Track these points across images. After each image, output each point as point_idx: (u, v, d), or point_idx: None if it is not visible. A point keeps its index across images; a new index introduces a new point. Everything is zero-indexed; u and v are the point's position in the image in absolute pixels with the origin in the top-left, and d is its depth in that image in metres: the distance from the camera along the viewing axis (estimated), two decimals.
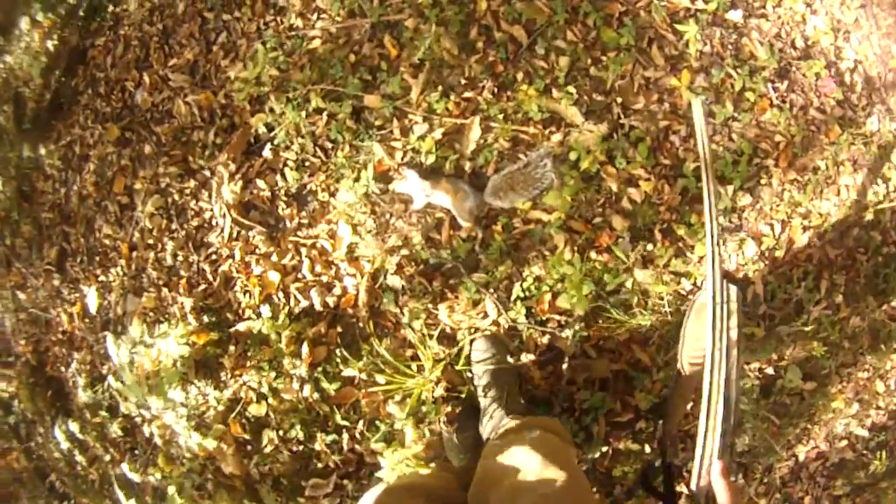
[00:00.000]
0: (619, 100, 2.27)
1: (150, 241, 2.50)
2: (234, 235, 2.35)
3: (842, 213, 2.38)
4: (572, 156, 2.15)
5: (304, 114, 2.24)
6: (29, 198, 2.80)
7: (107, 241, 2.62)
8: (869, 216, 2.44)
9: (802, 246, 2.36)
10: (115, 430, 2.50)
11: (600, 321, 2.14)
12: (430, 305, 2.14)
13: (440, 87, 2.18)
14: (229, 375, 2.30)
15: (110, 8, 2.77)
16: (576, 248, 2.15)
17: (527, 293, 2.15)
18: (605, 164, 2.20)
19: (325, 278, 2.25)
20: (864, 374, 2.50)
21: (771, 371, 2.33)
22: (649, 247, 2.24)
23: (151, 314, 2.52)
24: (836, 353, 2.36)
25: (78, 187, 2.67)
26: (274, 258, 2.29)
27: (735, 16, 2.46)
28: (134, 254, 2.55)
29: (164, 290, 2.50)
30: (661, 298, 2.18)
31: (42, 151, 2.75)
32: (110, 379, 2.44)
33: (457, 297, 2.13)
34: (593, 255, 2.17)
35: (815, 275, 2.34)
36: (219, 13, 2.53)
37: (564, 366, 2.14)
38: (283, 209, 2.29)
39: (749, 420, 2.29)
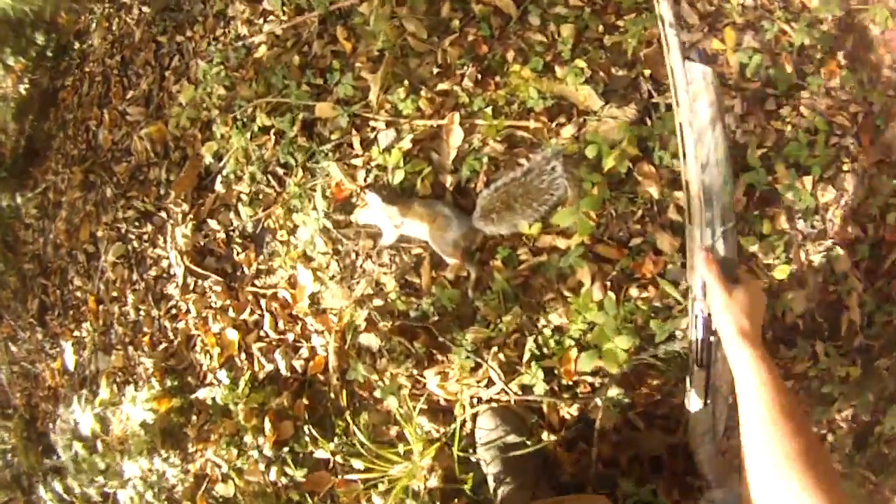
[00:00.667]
0: (648, 72, 1.49)
1: (115, 294, 1.98)
2: (191, 286, 1.74)
3: None
4: (591, 152, 1.39)
5: (249, 135, 1.58)
6: (13, 248, 2.34)
7: (78, 294, 2.12)
8: None
9: None
10: (94, 495, 1.96)
11: (648, 380, 1.35)
12: (414, 371, 1.42)
13: (406, 82, 1.46)
14: (194, 448, 1.68)
15: (77, 45, 2.26)
16: (608, 284, 1.37)
17: (544, 350, 1.40)
18: (638, 160, 1.43)
19: (290, 336, 1.59)
20: None
21: (866, 417, 1.48)
22: None
23: (120, 374, 1.98)
24: None
25: (53, 236, 2.19)
26: (231, 313, 1.65)
27: None
28: (101, 307, 2.03)
29: (130, 348, 1.93)
30: None
31: (19, 200, 2.26)
32: (76, 446, 1.90)
33: (449, 360, 1.39)
34: (633, 291, 1.39)
35: None
36: (172, 35, 1.98)
37: (601, 443, 1.35)
38: (239, 253, 1.67)
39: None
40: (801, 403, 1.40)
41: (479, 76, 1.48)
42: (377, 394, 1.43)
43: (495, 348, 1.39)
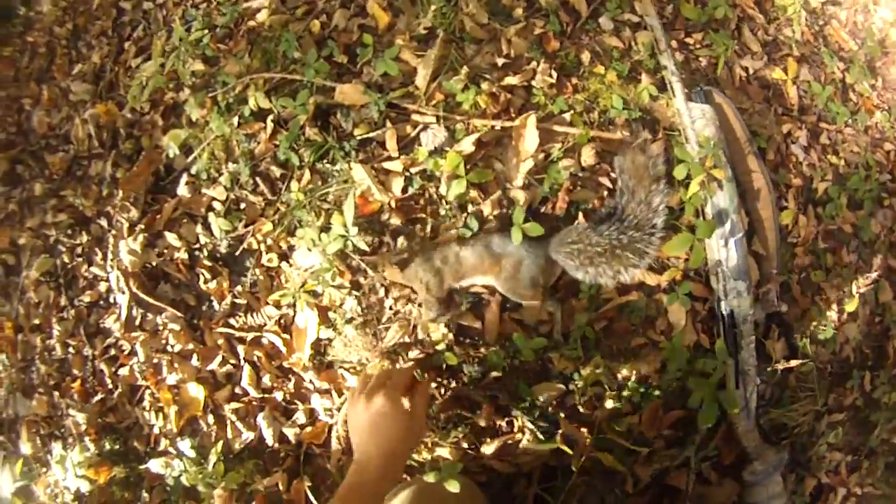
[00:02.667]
0: (726, 92, 0.85)
1: (37, 321, 1.02)
2: (137, 321, 0.84)
3: None
4: (679, 173, 0.75)
5: (237, 120, 0.74)
6: None
7: None
8: None
9: None
10: None
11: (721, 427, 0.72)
12: (464, 441, 0.64)
13: (464, 70, 0.71)
14: None
15: (22, 10, 1.25)
16: (697, 323, 0.70)
17: (626, 403, 0.72)
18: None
19: (279, 395, 0.75)
20: None
21: None
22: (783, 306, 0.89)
23: (44, 425, 0.97)
24: None
25: None
26: (195, 361, 0.79)
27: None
28: (20, 336, 1.02)
29: (56, 393, 0.96)
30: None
31: None
32: None
33: (513, 427, 0.65)
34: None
35: None
36: (138, 2, 1.04)
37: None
38: (207, 280, 0.81)
39: None
40: None
41: (554, 73, 0.79)
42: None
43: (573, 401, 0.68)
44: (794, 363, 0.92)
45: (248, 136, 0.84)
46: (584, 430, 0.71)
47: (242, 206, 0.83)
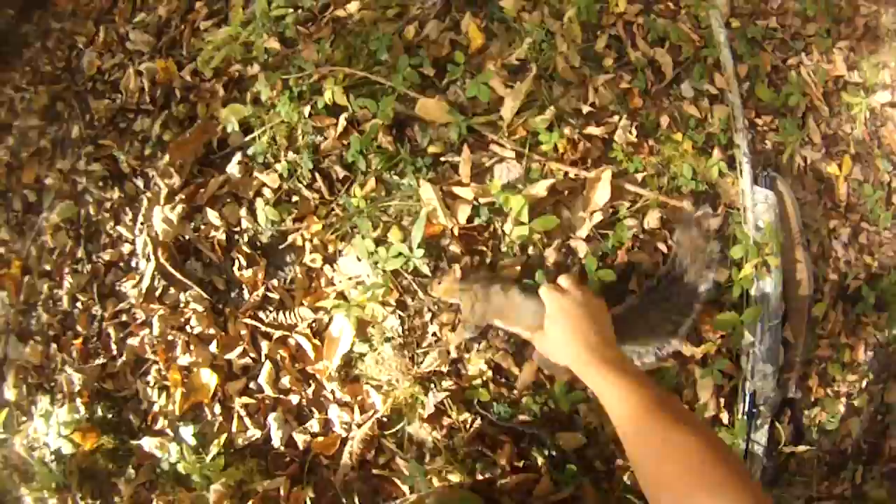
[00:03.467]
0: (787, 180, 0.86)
1: (48, 267, 0.93)
2: (158, 293, 0.78)
3: None
4: (736, 254, 0.73)
5: (307, 111, 0.71)
6: None
7: (1, 251, 0.99)
8: None
9: None
10: None
11: None
12: (480, 474, 0.62)
13: (550, 110, 0.69)
14: None
15: None
16: (721, 401, 0.70)
17: None
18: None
19: (295, 399, 0.71)
20: None
21: None
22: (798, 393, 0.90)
23: (34, 374, 0.91)
24: None
25: None
26: (213, 347, 0.74)
27: (881, 98, 1.13)
28: (26, 279, 0.94)
29: (54, 346, 0.89)
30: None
31: None
32: None
33: (534, 471, 0.63)
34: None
35: None
36: None
37: None
38: (241, 268, 0.75)
39: None
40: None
41: (634, 131, 0.78)
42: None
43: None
44: (800, 449, 0.93)
45: (316, 129, 0.78)
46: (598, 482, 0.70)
47: (295, 199, 0.75)
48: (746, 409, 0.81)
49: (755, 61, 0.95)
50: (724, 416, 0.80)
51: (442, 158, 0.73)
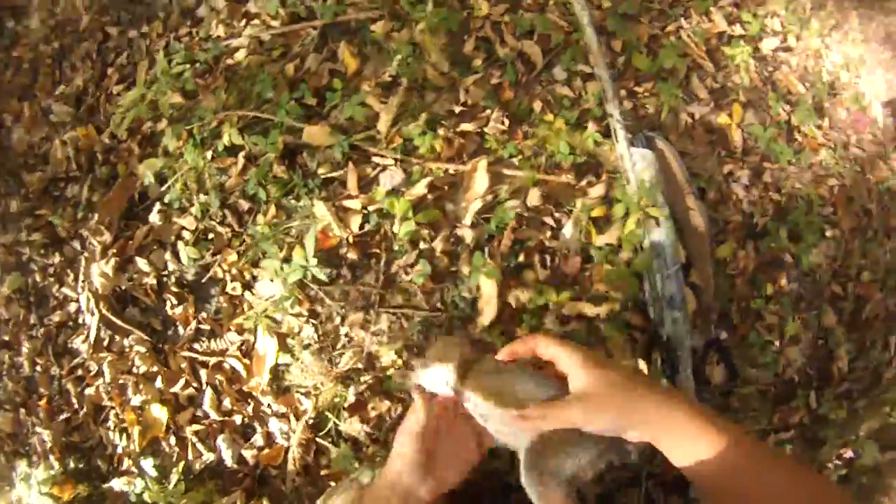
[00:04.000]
0: (670, 138, 0.93)
1: (6, 337, 1.01)
2: (105, 342, 0.86)
3: None
4: (618, 212, 0.81)
5: (210, 154, 0.79)
6: None
7: None
8: None
9: (876, 301, 1.17)
10: None
11: None
12: None
13: (423, 116, 0.77)
14: None
15: (10, 24, 1.28)
16: (636, 351, 0.78)
17: None
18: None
19: (238, 419, 0.77)
20: None
21: (851, 453, 1.10)
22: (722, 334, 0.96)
23: (9, 442, 0.97)
24: None
25: None
26: (159, 383, 0.82)
27: (769, 45, 1.25)
28: None
29: (23, 411, 0.96)
30: None
31: None
32: None
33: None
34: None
35: (884, 331, 1.18)
36: (125, 29, 1.10)
37: None
38: (173, 306, 0.82)
39: None
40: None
41: (506, 121, 0.85)
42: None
43: None
44: (741, 389, 0.99)
45: (220, 170, 0.85)
46: None
47: (210, 236, 0.83)
48: (662, 355, 0.88)
49: (630, 35, 1.03)
50: (644, 368, 0.86)
51: (331, 177, 0.80)
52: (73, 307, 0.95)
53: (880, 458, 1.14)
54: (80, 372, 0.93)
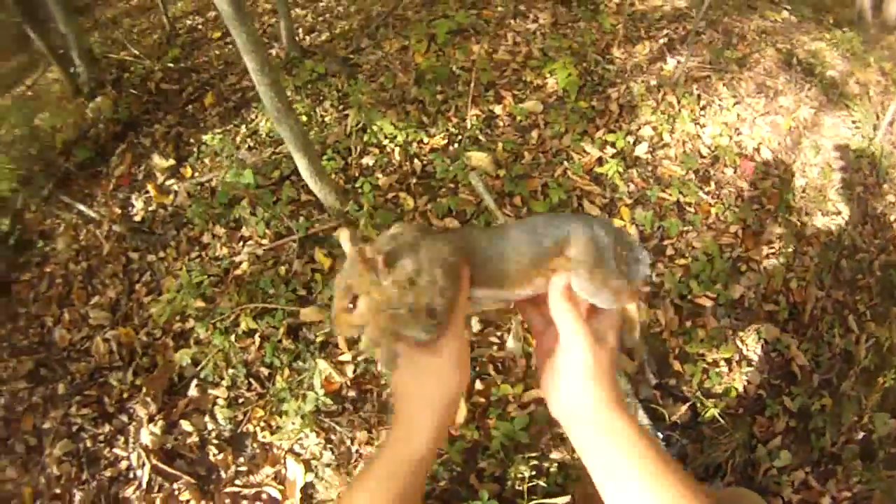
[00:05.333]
0: None
1: (58, 490, 1.23)
2: (155, 487, 1.13)
3: (824, 256, 1.57)
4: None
5: (233, 338, 1.17)
6: None
7: (9, 486, 1.28)
8: (847, 243, 1.64)
9: (816, 300, 1.47)
10: None
11: None
12: None
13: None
14: None
15: (40, 244, 1.60)
16: None
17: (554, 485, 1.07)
18: None
19: None
20: None
21: (859, 433, 1.26)
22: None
23: None
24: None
25: None
26: None
27: (642, 149, 1.69)
28: (38, 502, 1.22)
29: None
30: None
31: None
32: None
33: None
34: None
35: (838, 319, 1.44)
36: (143, 254, 1.48)
37: None
38: (215, 455, 1.15)
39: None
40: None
41: None
42: None
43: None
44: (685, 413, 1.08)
45: (242, 349, 1.23)
46: None
47: (241, 400, 1.19)
48: None
49: (524, 190, 1.48)
50: None
51: (327, 341, 1.19)
52: (123, 464, 1.21)
53: (893, 423, 1.23)
54: None
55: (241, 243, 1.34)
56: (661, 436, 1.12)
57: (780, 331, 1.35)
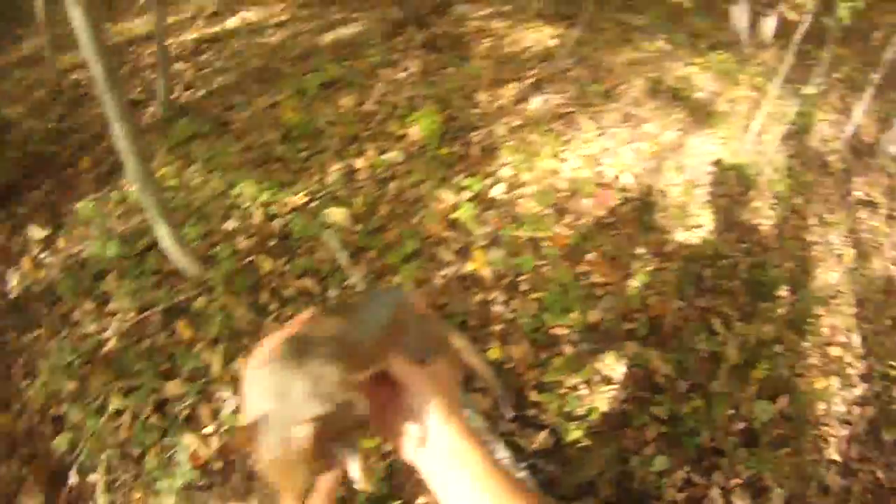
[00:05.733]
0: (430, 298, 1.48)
1: None
2: None
3: (686, 269, 1.65)
4: None
5: (105, 419, 1.23)
6: None
7: None
8: (709, 253, 1.72)
9: (674, 311, 1.53)
10: None
11: None
12: None
13: (242, 355, 1.30)
14: None
15: None
16: None
17: None
18: None
19: None
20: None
21: (742, 425, 1.31)
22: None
23: None
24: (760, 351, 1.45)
25: None
26: None
27: (498, 190, 1.77)
28: None
29: None
30: None
31: None
32: None
33: None
34: None
35: (702, 326, 1.51)
36: (18, 336, 1.48)
37: None
38: None
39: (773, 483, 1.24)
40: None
41: None
42: None
43: None
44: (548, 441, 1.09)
45: (114, 428, 1.28)
46: None
47: (117, 483, 1.20)
48: None
49: (379, 243, 1.57)
50: None
51: (193, 414, 1.28)
52: None
53: (773, 408, 1.26)
54: None
55: (110, 318, 1.40)
56: (522, 465, 1.14)
57: (640, 346, 1.37)
